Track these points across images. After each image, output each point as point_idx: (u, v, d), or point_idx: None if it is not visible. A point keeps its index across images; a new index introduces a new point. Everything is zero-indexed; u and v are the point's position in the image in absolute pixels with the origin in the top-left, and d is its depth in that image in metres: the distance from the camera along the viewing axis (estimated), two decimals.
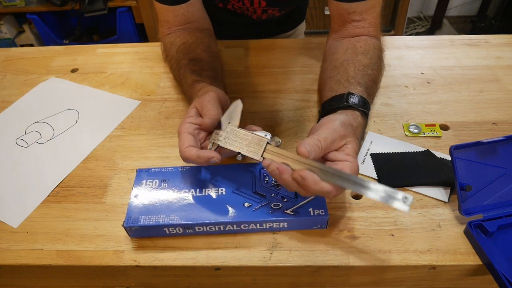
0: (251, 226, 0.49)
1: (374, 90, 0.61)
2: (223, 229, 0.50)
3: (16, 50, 0.89)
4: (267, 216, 0.49)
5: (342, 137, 0.48)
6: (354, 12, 0.64)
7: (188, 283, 0.52)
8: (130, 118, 0.69)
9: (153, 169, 0.55)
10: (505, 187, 0.51)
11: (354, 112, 0.54)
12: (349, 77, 0.58)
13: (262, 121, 0.66)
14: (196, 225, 0.49)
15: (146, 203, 0.51)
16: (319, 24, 2.22)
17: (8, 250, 0.50)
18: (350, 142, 0.48)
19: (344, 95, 0.55)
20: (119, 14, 1.99)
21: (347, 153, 0.47)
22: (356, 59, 0.61)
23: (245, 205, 0.50)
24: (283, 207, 0.50)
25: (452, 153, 0.48)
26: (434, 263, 0.47)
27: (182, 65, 0.65)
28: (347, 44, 0.64)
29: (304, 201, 0.50)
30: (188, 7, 0.69)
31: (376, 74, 0.61)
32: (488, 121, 0.64)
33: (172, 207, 0.50)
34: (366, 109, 0.55)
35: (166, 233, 0.50)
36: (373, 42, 0.64)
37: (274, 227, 0.50)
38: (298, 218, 0.49)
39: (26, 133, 0.67)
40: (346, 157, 0.47)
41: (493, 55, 0.79)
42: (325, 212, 0.49)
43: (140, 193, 0.52)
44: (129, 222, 0.49)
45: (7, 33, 2.12)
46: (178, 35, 0.70)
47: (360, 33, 0.64)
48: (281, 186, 0.52)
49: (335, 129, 0.48)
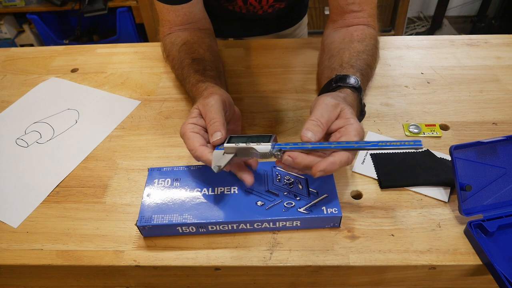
0: (264, 225, 0.49)
1: (369, 73, 0.63)
2: (237, 228, 0.49)
3: (16, 50, 0.89)
4: (281, 214, 0.49)
5: (335, 106, 0.49)
6: (353, 3, 0.66)
7: (188, 283, 0.52)
8: (130, 118, 0.69)
9: (165, 168, 0.55)
10: (505, 187, 0.51)
11: (343, 89, 0.56)
12: (343, 62, 0.60)
13: (262, 121, 0.66)
14: (210, 224, 0.49)
15: (159, 202, 0.51)
16: (319, 24, 2.22)
17: (8, 250, 0.50)
18: (344, 108, 0.50)
19: (332, 79, 0.57)
20: (119, 14, 2.00)
21: (346, 117, 0.49)
22: (351, 46, 0.63)
23: (258, 204, 0.50)
24: (296, 206, 0.50)
25: (452, 153, 0.48)
26: (434, 263, 0.47)
27: (185, 65, 0.65)
28: (344, 33, 0.66)
29: (317, 199, 0.50)
30: (190, 7, 0.69)
31: (371, 59, 0.63)
32: (488, 121, 0.64)
33: (185, 206, 0.50)
34: (356, 85, 0.56)
35: (179, 232, 0.50)
36: (369, 32, 0.66)
37: (287, 226, 0.50)
38: (311, 217, 0.49)
39: (26, 133, 0.67)
40: (346, 121, 0.48)
41: (493, 55, 0.79)
42: (338, 210, 0.49)
43: (153, 192, 0.52)
44: (142, 221, 0.49)
45: (7, 33, 2.12)
46: (179, 35, 0.70)
47: (358, 22, 0.66)
48: (293, 184, 0.52)
49: (326, 103, 0.49)
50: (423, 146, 0.60)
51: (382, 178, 0.55)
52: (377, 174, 0.56)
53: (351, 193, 0.55)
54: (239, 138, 0.50)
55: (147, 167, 0.57)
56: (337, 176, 0.57)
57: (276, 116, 0.67)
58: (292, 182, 0.52)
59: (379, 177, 0.56)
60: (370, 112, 0.67)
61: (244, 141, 0.48)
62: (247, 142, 0.48)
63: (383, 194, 0.54)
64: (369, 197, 0.54)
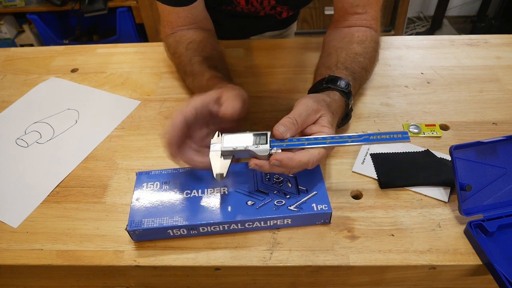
0: (255, 224, 0.49)
1: (363, 77, 0.63)
2: (228, 228, 0.49)
3: (16, 50, 0.89)
4: (271, 213, 0.49)
5: (316, 111, 0.50)
6: (358, 5, 0.66)
7: (188, 283, 0.52)
8: (130, 118, 0.69)
9: (153, 171, 0.55)
10: (505, 187, 0.51)
11: (332, 91, 0.56)
12: (338, 62, 0.61)
13: (262, 121, 0.66)
14: (200, 226, 0.49)
15: (149, 206, 0.51)
16: (319, 24, 2.22)
17: (8, 250, 0.50)
18: (324, 115, 0.50)
19: (325, 78, 0.57)
20: (119, 14, 2.00)
21: (322, 124, 0.50)
22: (350, 47, 0.63)
23: (248, 204, 0.50)
24: (286, 204, 0.50)
25: (452, 153, 0.48)
26: (434, 263, 0.47)
27: (195, 62, 0.65)
28: (345, 33, 0.66)
29: (306, 197, 0.50)
30: (191, 9, 0.69)
31: (368, 63, 0.63)
32: (488, 121, 0.64)
33: (175, 209, 0.50)
34: (346, 89, 0.56)
35: (170, 235, 0.50)
36: (371, 34, 0.66)
37: (278, 224, 0.50)
38: (302, 214, 0.49)
39: (26, 133, 0.67)
40: (321, 128, 0.49)
41: (493, 55, 0.79)
42: (328, 207, 0.49)
43: (142, 196, 0.52)
44: (133, 226, 0.48)
45: (7, 33, 2.12)
46: (184, 34, 0.69)
47: (361, 24, 0.66)
48: (283, 183, 0.52)
49: (308, 105, 0.50)
50: (423, 146, 0.60)
51: (382, 178, 0.55)
52: (377, 174, 0.56)
53: (351, 193, 0.55)
54: (233, 137, 0.49)
55: (147, 167, 0.57)
56: (337, 176, 0.57)
57: (276, 116, 0.67)
58: (282, 181, 0.53)
59: (379, 177, 0.56)
60: (370, 112, 0.67)
61: (241, 142, 0.49)
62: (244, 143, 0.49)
63: (383, 194, 0.54)
64: (369, 197, 0.54)
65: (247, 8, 0.79)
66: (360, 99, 0.69)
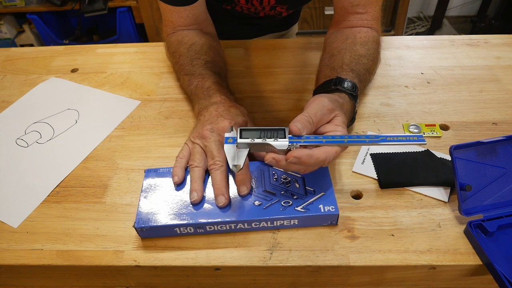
0: (262, 224, 0.49)
1: (367, 79, 0.63)
2: (234, 227, 0.49)
3: (16, 50, 0.88)
4: (278, 213, 0.49)
5: (331, 110, 0.50)
6: (358, 5, 0.66)
7: (188, 283, 0.52)
8: (130, 118, 0.69)
9: (162, 169, 0.55)
10: (505, 187, 0.51)
11: (341, 93, 0.56)
12: (343, 64, 0.61)
13: (262, 121, 0.66)
14: (207, 225, 0.49)
15: (156, 203, 0.51)
16: (319, 24, 2.22)
17: (8, 250, 0.50)
18: (338, 115, 0.51)
19: (333, 79, 0.58)
20: (119, 14, 2.00)
21: (336, 124, 0.50)
22: (353, 49, 0.63)
23: (255, 204, 0.50)
24: (293, 204, 0.50)
25: (452, 153, 0.48)
26: (434, 263, 0.47)
27: (197, 64, 0.65)
28: (347, 33, 0.66)
29: (314, 198, 0.50)
30: (192, 9, 0.69)
31: (371, 64, 0.64)
32: (488, 121, 0.64)
33: (183, 207, 0.50)
34: (354, 92, 0.57)
35: (177, 233, 0.50)
36: (372, 35, 0.66)
37: (285, 225, 0.50)
38: (309, 215, 0.49)
39: (26, 133, 0.67)
40: (335, 128, 0.50)
41: (493, 55, 0.79)
42: (335, 208, 0.49)
43: (150, 193, 0.52)
44: (140, 223, 0.48)
45: (7, 33, 2.12)
46: (186, 34, 0.70)
47: (362, 25, 0.66)
48: (290, 183, 0.52)
49: (323, 104, 0.50)
50: (424, 146, 0.60)
51: (382, 178, 0.55)
52: (377, 174, 0.56)
53: (351, 193, 0.55)
54: (251, 131, 0.48)
55: (147, 167, 0.57)
56: (337, 176, 0.57)
57: (276, 116, 0.67)
58: (289, 181, 0.53)
59: (379, 177, 0.56)
60: (370, 112, 0.67)
61: (259, 136, 0.48)
62: (262, 137, 0.48)
63: (383, 194, 0.54)
64: (369, 197, 0.54)
65: (247, 7, 0.79)
66: (360, 99, 0.69)
